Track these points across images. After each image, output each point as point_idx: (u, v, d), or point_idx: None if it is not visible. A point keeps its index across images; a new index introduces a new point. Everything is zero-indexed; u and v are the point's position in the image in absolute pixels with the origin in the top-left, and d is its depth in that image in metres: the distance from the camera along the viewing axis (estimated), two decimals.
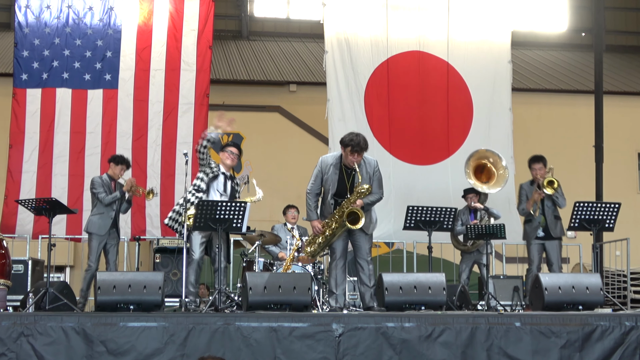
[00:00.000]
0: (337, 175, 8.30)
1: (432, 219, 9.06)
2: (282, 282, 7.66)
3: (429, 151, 12.86)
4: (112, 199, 9.85)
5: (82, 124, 12.24)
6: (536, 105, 18.72)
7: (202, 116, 12.39)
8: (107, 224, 9.83)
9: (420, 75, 12.98)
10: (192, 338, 6.44)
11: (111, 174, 10.05)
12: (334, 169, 8.33)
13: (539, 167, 9.95)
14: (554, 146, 16.57)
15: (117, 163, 10.08)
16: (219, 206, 8.20)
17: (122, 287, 7.45)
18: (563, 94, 19.25)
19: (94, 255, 9.78)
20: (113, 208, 9.88)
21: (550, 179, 9.78)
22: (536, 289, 8.13)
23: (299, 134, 18.19)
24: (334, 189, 8.28)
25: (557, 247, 9.95)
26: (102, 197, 9.78)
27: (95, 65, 12.35)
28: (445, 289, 7.94)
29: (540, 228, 9.95)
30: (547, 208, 9.94)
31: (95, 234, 9.79)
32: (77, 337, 6.35)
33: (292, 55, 20.51)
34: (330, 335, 6.55)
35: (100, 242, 9.81)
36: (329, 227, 8.28)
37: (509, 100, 13.05)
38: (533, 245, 10.00)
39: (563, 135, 18.34)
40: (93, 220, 9.85)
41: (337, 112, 12.43)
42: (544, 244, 9.96)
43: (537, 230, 9.98)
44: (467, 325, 6.69)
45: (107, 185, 9.92)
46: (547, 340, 6.72)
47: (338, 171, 8.31)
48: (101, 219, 9.82)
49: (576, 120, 18.33)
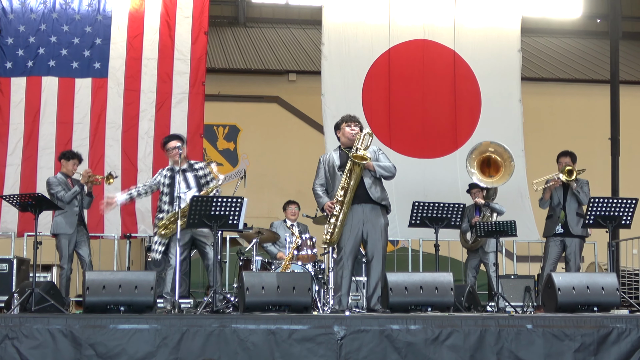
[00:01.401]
0: (338, 154, 8.39)
1: (439, 216, 9.05)
2: (280, 282, 7.65)
3: (435, 144, 12.84)
4: (73, 194, 9.98)
5: (69, 115, 12.20)
6: (548, 96, 18.71)
7: (197, 106, 12.34)
8: (73, 222, 9.98)
9: (425, 65, 12.94)
10: (185, 341, 6.43)
11: (65, 171, 10.21)
12: (334, 152, 8.45)
13: (566, 162, 9.96)
14: (567, 139, 16.55)
15: (69, 159, 10.24)
16: (214, 202, 8.17)
17: (111, 287, 7.45)
18: (577, 83, 19.23)
19: (65, 257, 9.94)
20: (75, 204, 10.03)
21: (569, 168, 9.78)
22: (549, 289, 8.12)
23: (299, 125, 18.17)
24: (337, 162, 8.31)
25: (577, 245, 9.94)
26: (62, 196, 9.92)
27: (84, 53, 12.31)
28: (453, 289, 7.92)
29: (559, 224, 9.93)
30: (568, 203, 9.92)
31: (63, 234, 9.94)
32: (64, 340, 6.34)
33: (292, 42, 20.48)
34: (332, 338, 6.54)
35: (70, 241, 9.96)
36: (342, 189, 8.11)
37: (518, 90, 13.01)
38: (551, 242, 10.00)
39: (577, 127, 18.31)
40: (58, 221, 9.99)
41: (331, 109, 12.39)
42: (563, 241, 9.95)
43: (556, 226, 9.96)
44: (476, 328, 6.69)
45: (63, 183, 10.07)
46: (561, 343, 6.71)
47: (338, 151, 8.40)
48: (66, 218, 9.96)
49: (591, 112, 18.31)
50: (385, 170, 8.28)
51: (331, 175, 8.34)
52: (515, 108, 12.95)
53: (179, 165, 9.09)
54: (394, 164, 8.41)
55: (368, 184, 8.19)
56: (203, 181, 9.16)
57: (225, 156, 17.63)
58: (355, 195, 8.14)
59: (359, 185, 8.15)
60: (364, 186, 8.17)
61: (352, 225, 8.19)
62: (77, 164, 10.28)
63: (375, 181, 8.23)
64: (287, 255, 10.13)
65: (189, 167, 9.18)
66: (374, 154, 8.32)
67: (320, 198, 8.36)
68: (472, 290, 10.01)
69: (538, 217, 11.81)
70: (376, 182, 8.25)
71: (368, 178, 8.19)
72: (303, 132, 17.93)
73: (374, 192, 8.19)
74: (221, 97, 17.45)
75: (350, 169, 8.10)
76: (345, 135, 8.33)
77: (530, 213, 12.34)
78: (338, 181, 8.21)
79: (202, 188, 9.08)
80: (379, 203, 8.22)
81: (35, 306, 8.24)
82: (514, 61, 13.07)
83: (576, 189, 9.86)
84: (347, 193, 8.12)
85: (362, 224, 8.19)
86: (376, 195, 8.20)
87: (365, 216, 8.20)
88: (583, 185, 9.96)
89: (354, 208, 8.17)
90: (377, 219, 8.23)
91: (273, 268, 10.04)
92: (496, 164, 10.78)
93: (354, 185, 8.12)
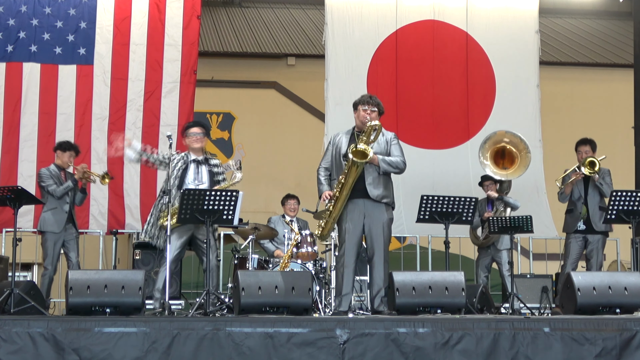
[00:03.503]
0: (348, 138, 8.31)
1: (449, 210, 9.03)
2: (278, 281, 7.65)
3: (445, 133, 12.84)
4: (65, 189, 9.91)
5: (53, 104, 12.17)
6: (567, 81, 18.69)
7: (188, 96, 12.32)
8: (62, 219, 9.90)
9: (435, 48, 12.95)
10: (176, 345, 6.43)
11: (59, 163, 10.13)
12: (346, 135, 8.38)
13: (585, 151, 9.95)
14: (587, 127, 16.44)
15: (65, 150, 10.15)
16: (207, 195, 8.16)
17: (97, 287, 7.43)
18: (598, 68, 19.21)
19: (50, 257, 9.86)
20: (67, 200, 9.95)
21: (591, 159, 9.75)
22: (568, 289, 8.11)
23: (298, 113, 18.17)
24: (344, 149, 8.23)
25: (599, 242, 9.93)
26: (52, 190, 9.84)
27: (68, 37, 12.27)
28: (465, 289, 7.91)
29: (581, 220, 9.92)
30: (590, 197, 9.90)
31: (50, 232, 9.86)
32: (45, 345, 6.34)
33: (290, 24, 20.46)
34: (334, 342, 6.54)
35: (57, 241, 9.89)
36: (338, 186, 8.12)
37: (536, 75, 13.00)
38: (572, 239, 9.99)
39: (598, 115, 18.30)
40: (46, 218, 9.90)
41: (334, 95, 12.37)
42: (585, 238, 9.94)
43: (577, 222, 9.95)
44: (489, 331, 6.68)
45: (56, 176, 9.99)
46: (580, 348, 6.70)
47: (350, 135, 8.34)
48: (55, 215, 9.89)
49: (613, 98, 18.30)
50: (391, 166, 8.22)
51: (337, 162, 8.30)
52: (533, 94, 12.95)
53: (198, 155, 9.07)
54: (404, 160, 8.31)
55: (369, 180, 8.13)
56: (216, 179, 9.13)
57: (219, 146, 17.61)
58: (354, 189, 8.11)
59: (358, 179, 8.11)
60: (364, 182, 8.13)
61: (352, 220, 8.17)
62: (74, 156, 10.19)
63: (378, 177, 8.16)
64: (286, 252, 10.13)
65: (205, 160, 9.15)
66: (385, 145, 8.26)
67: (320, 185, 8.34)
68: (484, 291, 9.99)
69: (555, 212, 11.79)
70: (379, 178, 8.17)
71: (370, 173, 8.12)
72: (303, 120, 17.92)
73: (373, 190, 8.13)
74: (215, 82, 17.45)
75: (349, 166, 8.05)
76: (360, 118, 8.27)
77: (547, 208, 12.34)
78: (341, 170, 8.19)
79: (214, 186, 9.03)
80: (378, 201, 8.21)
81: (14, 308, 8.23)
82: (532, 43, 13.06)
83: (598, 181, 9.83)
84: (344, 190, 8.09)
85: (363, 217, 8.18)
86: (375, 193, 8.14)
87: (367, 210, 8.18)
88: (605, 176, 9.92)
89: (355, 202, 8.15)
90: (380, 213, 8.20)
91: (271, 267, 10.05)
92: (511, 155, 10.76)
93: (352, 182, 8.08)
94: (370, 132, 8.02)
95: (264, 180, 16.98)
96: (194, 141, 9.10)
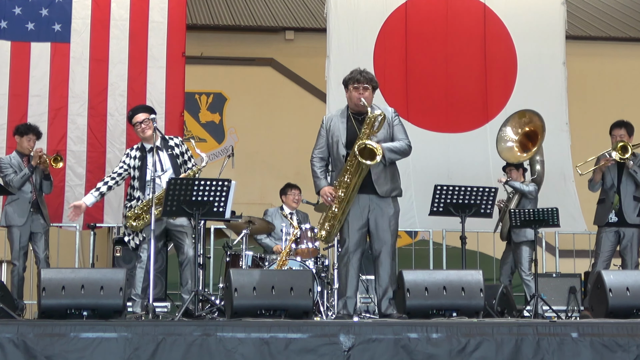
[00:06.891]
0: (345, 123, 8.25)
1: (466, 202, 9.03)
2: (276, 281, 7.67)
3: (461, 116, 12.84)
4: (22, 178, 10.02)
5: (24, 85, 12.15)
6: (597, 57, 18.65)
7: (177, 79, 12.27)
8: (24, 210, 10.02)
9: (449, 21, 12.94)
10: (161, 352, 6.43)
11: (20, 149, 10.26)
12: (340, 117, 8.31)
13: (620, 135, 9.91)
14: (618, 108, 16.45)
15: (22, 134, 10.29)
16: (195, 185, 8.14)
17: (73, 287, 7.44)
18: (631, 43, 19.19)
19: (16, 252, 9.99)
20: (29, 190, 10.04)
21: (623, 144, 9.73)
22: (598, 290, 8.12)
23: (297, 93, 18.15)
24: (343, 138, 8.19)
25: (635, 236, 9.91)
26: (10, 180, 9.98)
27: (41, 12, 12.22)
28: (483, 290, 7.94)
29: (612, 211, 9.89)
30: (624, 186, 9.88)
31: (15, 225, 10.00)
32: (16, 352, 6.33)
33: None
34: (337, 349, 6.54)
35: (22, 233, 10.01)
36: (343, 185, 8.10)
37: (563, 51, 12.99)
38: (603, 233, 9.97)
39: (630, 94, 18.26)
40: (8, 211, 10.07)
41: (337, 73, 12.35)
42: (617, 231, 9.93)
43: (608, 213, 9.92)
44: (510, 337, 6.69)
45: (17, 164, 10.12)
46: (612, 355, 6.70)
47: (345, 119, 8.27)
48: (17, 206, 10.02)
49: None
50: (397, 153, 8.20)
51: (335, 155, 8.27)
52: (559, 72, 12.93)
53: (153, 142, 9.04)
54: (409, 142, 8.29)
55: (375, 175, 8.13)
56: (180, 160, 9.11)
57: (210, 130, 17.60)
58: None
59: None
60: (371, 177, 8.12)
61: (356, 214, 8.17)
62: (34, 139, 10.28)
63: (384, 170, 8.16)
64: (284, 249, 10.12)
65: (163, 144, 9.12)
66: (388, 128, 8.23)
67: (317, 178, 8.30)
68: (505, 292, 9.99)
69: (585, 204, 11.77)
70: (385, 170, 8.17)
71: (375, 167, 8.08)
72: (302, 101, 17.90)
73: (382, 185, 8.14)
74: (205, 59, 17.42)
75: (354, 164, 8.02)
76: (352, 99, 8.21)
77: (575, 198, 12.32)
78: (341, 164, 8.15)
79: (179, 169, 9.03)
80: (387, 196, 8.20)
81: None
82: (557, 16, 13.04)
83: (632, 168, 9.81)
84: (349, 190, 8.09)
85: (368, 211, 8.17)
86: (384, 188, 8.14)
87: (372, 202, 8.17)
88: None
89: (360, 196, 8.15)
90: (386, 206, 8.20)
91: (267, 265, 10.05)
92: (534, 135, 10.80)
93: (359, 182, 8.07)
94: (372, 123, 8.02)
95: (259, 169, 17.00)
96: (146, 129, 9.14)
